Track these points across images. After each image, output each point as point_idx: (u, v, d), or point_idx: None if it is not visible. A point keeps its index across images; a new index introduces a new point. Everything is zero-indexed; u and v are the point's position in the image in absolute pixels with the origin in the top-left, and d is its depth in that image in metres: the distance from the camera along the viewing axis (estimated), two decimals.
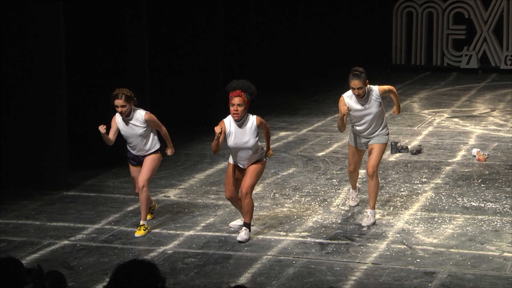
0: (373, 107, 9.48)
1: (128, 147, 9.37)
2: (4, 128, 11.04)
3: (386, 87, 9.68)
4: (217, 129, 8.71)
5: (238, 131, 8.85)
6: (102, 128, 9.04)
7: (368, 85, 9.43)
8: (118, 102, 9.04)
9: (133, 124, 9.17)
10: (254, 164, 9.01)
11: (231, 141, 8.88)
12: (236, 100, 8.77)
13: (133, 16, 12.32)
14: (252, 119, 8.89)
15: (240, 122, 8.85)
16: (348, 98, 9.46)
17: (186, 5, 14.66)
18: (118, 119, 9.22)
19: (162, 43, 14.52)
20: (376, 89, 9.52)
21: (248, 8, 17.52)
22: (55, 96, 10.95)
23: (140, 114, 9.18)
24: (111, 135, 9.19)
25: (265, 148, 9.22)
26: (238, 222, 9.45)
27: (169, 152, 9.54)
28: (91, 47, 12.12)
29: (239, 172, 9.11)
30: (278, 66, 18.68)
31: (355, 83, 9.32)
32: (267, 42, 18.58)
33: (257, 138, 8.90)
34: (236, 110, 8.78)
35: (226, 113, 8.94)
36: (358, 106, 9.47)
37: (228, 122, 8.89)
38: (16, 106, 10.99)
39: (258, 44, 18.24)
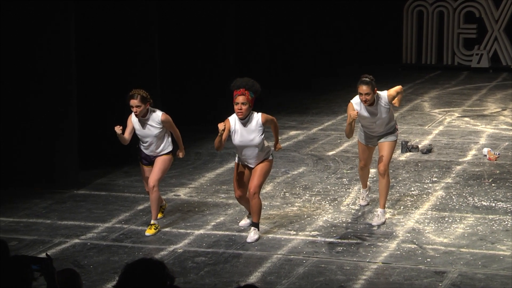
0: (381, 113, 9.42)
1: (141, 146, 9.39)
2: (15, 127, 11.07)
3: (394, 91, 9.50)
4: (221, 126, 8.72)
5: (243, 129, 8.85)
6: (118, 129, 9.06)
7: (376, 92, 9.35)
8: (134, 102, 9.06)
9: (150, 125, 9.20)
10: (261, 163, 9.00)
11: (236, 139, 8.88)
12: (240, 99, 8.78)
13: (144, 16, 12.33)
14: (257, 117, 8.89)
15: (245, 120, 8.86)
16: (357, 106, 9.39)
17: (196, 5, 14.67)
18: (134, 119, 9.24)
19: (173, 42, 14.53)
20: (385, 96, 9.41)
21: (258, 7, 17.52)
22: (65, 95, 10.97)
23: (157, 115, 9.19)
24: (127, 135, 9.21)
25: (271, 147, 9.22)
26: (247, 221, 9.46)
27: (180, 155, 9.57)
28: (102, 46, 12.14)
29: (246, 171, 9.11)
30: (288, 65, 18.67)
31: (363, 88, 9.24)
32: (277, 41, 18.57)
33: (262, 136, 8.89)
34: (240, 109, 8.79)
35: (233, 112, 8.94)
36: (366, 114, 9.41)
37: (233, 120, 8.90)
38: (27, 105, 11.02)
39: (268, 43, 18.25)
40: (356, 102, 9.40)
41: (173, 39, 14.56)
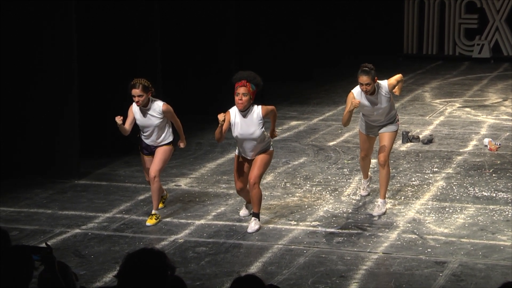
0: (382, 102, 9.42)
1: (141, 136, 9.39)
2: (16, 116, 11.07)
3: (394, 80, 9.49)
4: (220, 117, 8.72)
5: (244, 122, 8.85)
6: (119, 119, 9.05)
7: (377, 82, 9.34)
8: (135, 91, 9.05)
9: (150, 115, 9.19)
10: (262, 154, 9.00)
11: (236, 132, 8.88)
12: (241, 90, 8.78)
13: (147, 6, 12.31)
14: (257, 110, 8.88)
15: (245, 112, 8.85)
16: (358, 95, 9.38)
17: None
18: (135, 108, 9.23)
19: (174, 32, 14.51)
20: (385, 85, 9.41)
21: None
22: (66, 85, 10.97)
23: (158, 105, 9.19)
24: (127, 125, 9.21)
25: (271, 138, 9.19)
26: (246, 210, 9.47)
27: (181, 145, 9.57)
28: (104, 36, 12.13)
29: (246, 163, 9.11)
30: (289, 55, 18.63)
31: (363, 79, 9.25)
32: (278, 31, 18.54)
33: (262, 129, 8.89)
34: (241, 99, 8.79)
35: (234, 104, 8.93)
36: (367, 103, 9.41)
37: (234, 113, 8.90)
38: (28, 95, 11.02)
39: (269, 33, 18.21)
40: (357, 92, 9.39)
41: (175, 29, 14.53)
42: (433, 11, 22.32)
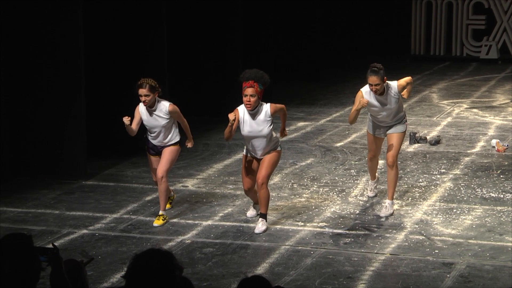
0: (391, 103, 9.40)
1: (148, 136, 9.39)
2: (24, 117, 11.09)
3: (404, 82, 9.51)
4: (231, 116, 8.73)
5: (252, 120, 8.86)
6: (126, 120, 9.06)
7: (386, 82, 9.34)
8: (142, 91, 9.06)
9: (157, 115, 9.20)
10: (270, 154, 9.01)
11: (245, 130, 8.89)
12: (248, 91, 8.78)
13: (153, 6, 12.32)
14: (266, 108, 8.89)
15: (254, 111, 8.86)
16: (367, 94, 9.37)
17: None
18: (141, 109, 9.24)
19: (182, 32, 14.53)
20: (395, 86, 9.40)
21: None
22: (74, 85, 10.98)
23: (164, 106, 9.19)
24: (134, 125, 9.21)
25: (279, 138, 9.21)
26: (254, 211, 9.47)
27: (189, 144, 9.57)
28: (111, 37, 12.14)
29: (255, 163, 9.11)
30: (297, 56, 18.63)
31: (372, 79, 9.23)
32: (286, 32, 18.54)
33: (271, 126, 8.89)
34: (249, 101, 8.79)
35: (242, 103, 8.94)
36: (376, 102, 9.40)
37: (242, 111, 8.91)
38: (35, 95, 11.04)
39: (277, 34, 18.21)
40: (366, 91, 9.38)
41: (182, 29, 14.54)
42: (440, 12, 22.29)
